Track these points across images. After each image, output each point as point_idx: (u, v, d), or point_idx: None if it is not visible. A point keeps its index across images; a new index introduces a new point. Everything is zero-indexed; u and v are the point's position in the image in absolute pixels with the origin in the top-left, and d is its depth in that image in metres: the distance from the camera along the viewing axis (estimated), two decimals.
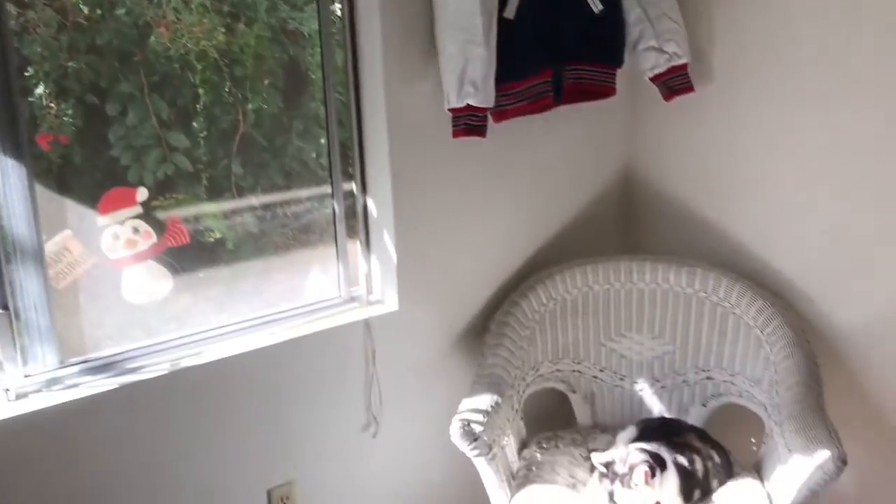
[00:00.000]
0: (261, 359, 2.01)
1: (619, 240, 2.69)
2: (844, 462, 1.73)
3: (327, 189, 2.18)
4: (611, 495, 1.85)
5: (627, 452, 1.89)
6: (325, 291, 2.23)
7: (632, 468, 1.84)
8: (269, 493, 2.06)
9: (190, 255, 2.05)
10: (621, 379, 2.39)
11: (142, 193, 1.95)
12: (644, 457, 1.87)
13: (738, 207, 2.42)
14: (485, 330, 2.32)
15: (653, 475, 1.84)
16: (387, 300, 2.24)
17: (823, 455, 1.76)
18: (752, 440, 2.44)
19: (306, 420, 2.10)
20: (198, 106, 2.05)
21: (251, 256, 2.18)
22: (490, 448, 1.91)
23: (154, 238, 1.99)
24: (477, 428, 1.89)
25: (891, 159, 2.07)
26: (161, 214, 2.00)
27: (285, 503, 2.09)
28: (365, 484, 2.24)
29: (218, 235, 2.15)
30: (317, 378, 2.10)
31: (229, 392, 1.98)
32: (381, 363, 2.19)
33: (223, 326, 2.06)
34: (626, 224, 2.70)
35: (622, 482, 1.84)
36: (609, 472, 1.86)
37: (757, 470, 2.08)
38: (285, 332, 2.08)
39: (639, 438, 2.07)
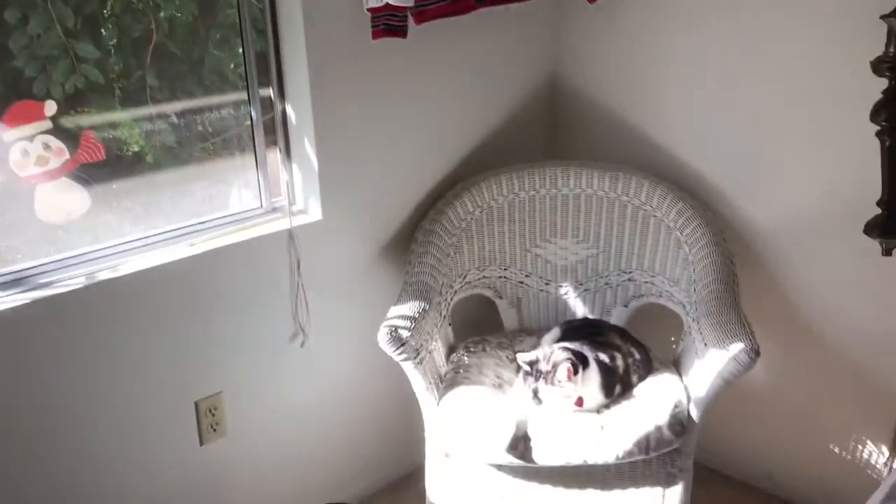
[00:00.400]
0: (181, 271, 1.96)
1: (544, 146, 2.69)
2: (757, 353, 1.80)
3: (245, 97, 2.11)
4: (535, 392, 1.89)
5: (551, 351, 1.93)
6: (247, 202, 2.18)
7: (555, 366, 1.88)
8: (196, 405, 2.05)
9: (106, 171, 1.97)
10: (546, 284, 2.43)
11: (50, 107, 1.85)
12: (567, 355, 1.91)
13: (660, 111, 2.44)
14: (411, 239, 2.31)
15: (575, 372, 1.89)
16: (310, 210, 2.20)
17: (737, 347, 1.83)
18: (672, 338, 2.53)
19: (232, 331, 2.08)
20: (105, 13, 1.94)
21: (169, 168, 2.10)
22: (417, 352, 1.93)
23: (67, 155, 1.90)
24: (404, 333, 1.90)
25: (808, 60, 2.11)
26: (74, 129, 1.90)
27: (213, 414, 2.08)
28: (293, 393, 2.25)
29: (135, 149, 2.06)
30: (241, 289, 2.07)
31: (150, 305, 1.93)
32: (306, 273, 2.17)
33: (141, 239, 2.00)
34: (552, 130, 2.69)
35: (546, 380, 1.88)
36: (533, 370, 1.90)
37: (675, 365, 2.16)
38: (206, 243, 2.03)
39: (562, 339, 2.11)
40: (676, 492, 1.95)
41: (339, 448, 2.39)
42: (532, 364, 1.91)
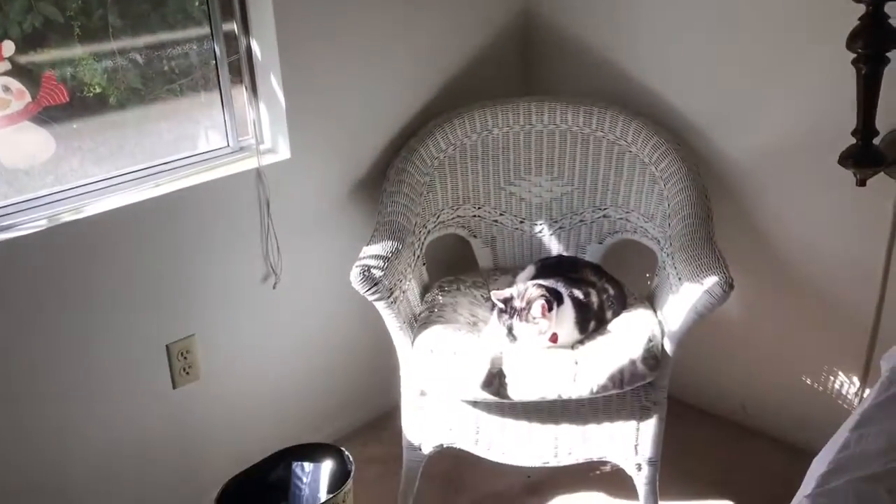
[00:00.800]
0: (148, 212, 1.92)
1: (518, 82, 2.64)
2: (731, 286, 1.80)
3: (209, 32, 2.04)
4: (510, 329, 1.88)
5: (525, 288, 1.92)
6: (214, 142, 2.13)
7: (529, 303, 1.87)
8: (168, 348, 2.02)
9: (69, 113, 1.91)
10: (521, 222, 2.41)
11: (8, 47, 1.78)
12: (541, 292, 1.90)
13: (634, 45, 2.40)
14: (383, 177, 2.27)
15: (550, 308, 1.88)
16: (278, 149, 2.16)
17: (711, 280, 1.82)
18: (647, 274, 2.53)
19: (203, 273, 2.04)
20: None
21: (133, 108, 2.04)
22: (391, 292, 1.91)
23: (29, 97, 1.83)
24: (376, 273, 1.88)
25: None
26: (34, 71, 1.83)
27: (185, 357, 2.06)
28: (267, 335, 2.23)
29: (97, 90, 1.99)
30: (210, 231, 2.03)
31: (117, 247, 1.89)
32: (276, 213, 2.13)
33: (105, 180, 1.94)
34: (525, 65, 2.64)
35: (520, 316, 1.87)
36: (508, 307, 1.89)
37: (650, 301, 2.16)
38: (172, 184, 1.98)
39: (537, 276, 2.10)
40: (650, 425, 1.96)
41: (313, 389, 2.38)
42: (506, 301, 1.89)
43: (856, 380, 2.23)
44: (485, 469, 2.19)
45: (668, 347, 1.91)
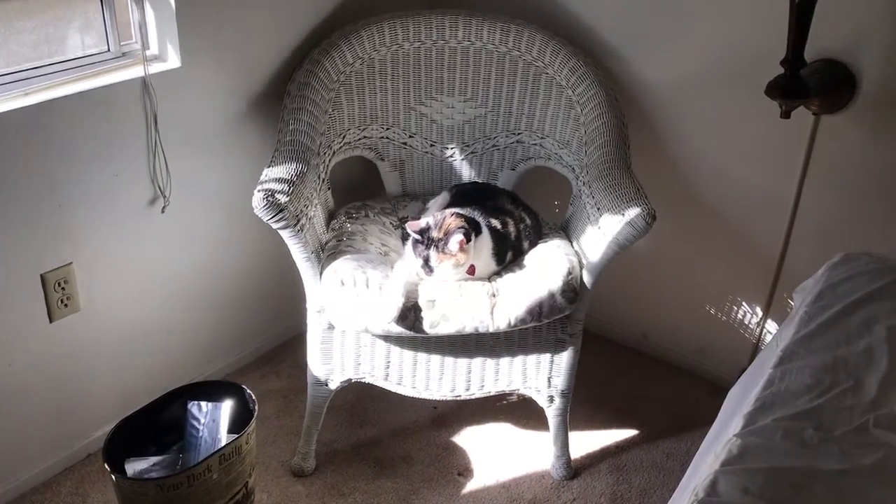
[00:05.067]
0: (15, 124, 1.66)
1: None
2: (654, 217, 1.75)
3: None
4: (426, 261, 1.78)
5: (442, 217, 1.81)
6: (90, 45, 1.87)
7: (447, 234, 1.77)
8: (42, 278, 1.80)
9: None
10: (431, 145, 2.28)
11: None
12: (460, 222, 1.79)
13: None
14: (284, 92, 2.08)
15: (468, 240, 1.78)
16: (167, 56, 1.92)
17: (633, 211, 1.77)
18: (556, 202, 2.47)
19: (81, 195, 1.82)
20: None
21: None
22: (297, 219, 1.76)
23: None
24: (281, 198, 1.72)
25: None
26: None
27: (63, 287, 1.85)
28: (155, 263, 2.03)
29: None
30: (90, 147, 1.80)
31: None
32: (165, 129, 1.92)
33: None
34: None
35: (437, 248, 1.77)
36: (424, 238, 1.77)
37: (565, 231, 2.10)
38: (43, 92, 1.73)
39: (451, 204, 1.99)
40: (564, 357, 1.93)
41: (206, 320, 2.22)
42: (422, 232, 1.78)
43: (759, 310, 2.26)
44: (390, 401, 2.12)
45: (587, 280, 1.86)
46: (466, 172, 2.30)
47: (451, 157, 2.28)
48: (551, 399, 1.97)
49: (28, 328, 1.82)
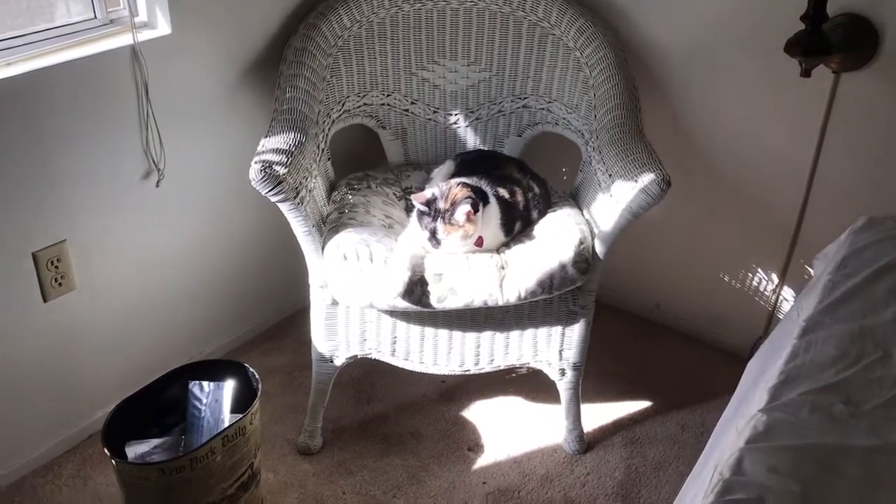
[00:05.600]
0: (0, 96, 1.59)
1: None
2: (668, 184, 1.68)
3: None
4: (433, 233, 1.71)
5: (448, 188, 1.74)
6: (76, 12, 1.79)
7: (454, 204, 1.70)
8: (34, 257, 1.74)
9: None
10: (434, 112, 2.20)
11: None
12: (466, 192, 1.72)
13: None
14: (280, 59, 2.00)
15: (476, 211, 1.71)
16: (157, 23, 1.84)
17: (647, 178, 1.69)
18: (564, 169, 2.40)
19: (72, 170, 1.75)
20: None
21: None
22: (297, 192, 1.68)
23: None
24: (279, 170, 1.64)
25: None
26: None
27: (56, 266, 1.78)
28: (151, 238, 1.97)
29: None
30: (79, 120, 1.73)
31: None
32: (156, 99, 1.84)
33: None
34: None
35: (444, 219, 1.70)
36: (431, 209, 1.70)
37: (574, 198, 2.03)
38: (28, 62, 1.65)
39: (457, 173, 1.92)
40: (576, 329, 1.87)
41: (205, 296, 2.16)
42: (429, 203, 1.71)
43: (774, 278, 2.20)
44: (397, 376, 2.07)
45: (599, 250, 1.79)
46: (471, 139, 2.22)
47: (455, 123, 2.21)
48: (563, 372, 1.92)
49: (22, 308, 1.76)
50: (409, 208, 1.99)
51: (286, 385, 2.17)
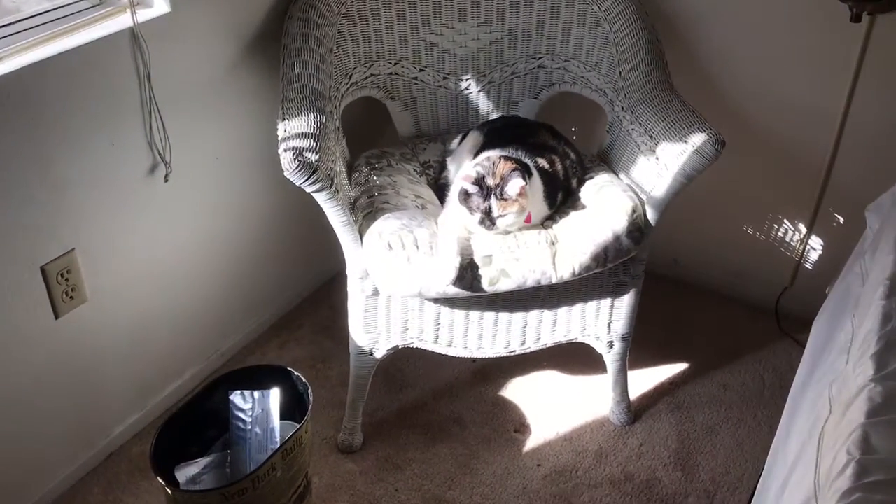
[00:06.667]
0: None
1: None
2: (723, 143, 1.61)
3: None
4: (487, 213, 1.59)
5: (492, 163, 1.62)
6: None
7: (503, 179, 1.59)
8: (43, 271, 1.57)
9: None
10: (444, 78, 2.07)
11: None
12: (512, 165, 1.61)
13: None
14: (283, 32, 1.84)
15: (525, 183, 1.60)
16: (154, 1, 1.66)
17: (698, 138, 1.62)
18: (574, 129, 2.31)
19: (75, 172, 1.57)
20: None
21: None
22: (331, 180, 1.55)
23: None
24: (311, 157, 1.50)
25: None
26: None
27: (67, 278, 1.62)
28: (162, 237, 1.81)
29: None
30: (77, 117, 1.55)
31: None
32: (158, 85, 1.67)
33: None
34: None
35: (497, 196, 1.59)
36: (483, 188, 1.59)
37: (605, 161, 1.94)
38: (20, 56, 1.46)
39: (486, 145, 1.80)
40: (625, 301, 1.80)
41: (217, 292, 2.02)
42: (479, 182, 1.59)
43: (801, 227, 2.16)
44: (425, 358, 1.97)
45: (651, 217, 1.71)
46: (484, 105, 2.10)
47: (467, 89, 2.08)
48: (611, 345, 1.85)
49: (32, 329, 1.59)
50: (433, 185, 1.88)
51: (312, 379, 2.03)
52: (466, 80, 2.07)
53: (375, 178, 1.82)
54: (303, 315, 2.25)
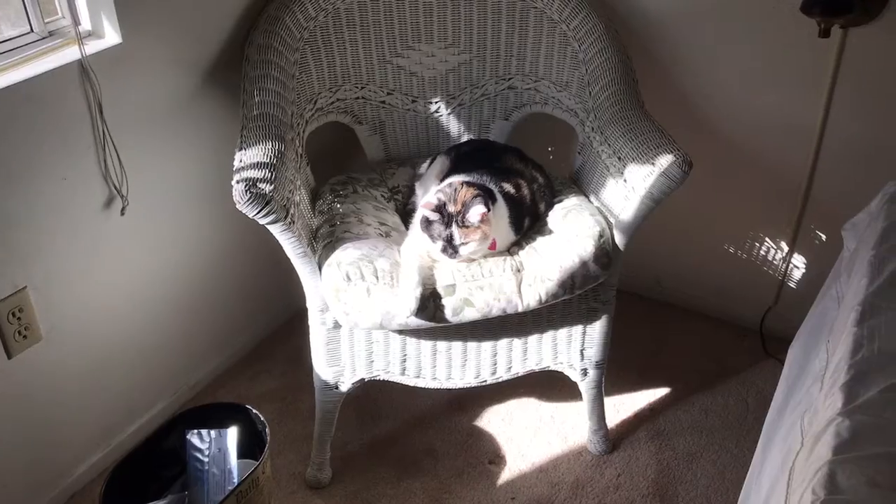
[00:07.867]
0: None
1: None
2: (690, 165, 1.56)
3: None
4: (448, 240, 1.54)
5: (453, 190, 1.58)
6: (5, 29, 1.56)
7: (465, 206, 1.54)
8: None
9: None
10: (413, 101, 2.03)
11: None
12: (475, 191, 1.57)
13: None
14: (243, 59, 1.80)
15: (488, 209, 1.56)
16: (104, 31, 1.62)
17: (665, 160, 1.57)
18: (550, 149, 2.26)
19: (25, 209, 1.53)
20: None
21: None
22: (286, 210, 1.51)
23: None
24: (265, 188, 1.46)
25: None
26: None
27: (19, 317, 1.57)
28: (120, 272, 1.77)
29: None
30: (26, 153, 1.51)
31: None
32: (112, 118, 1.63)
33: None
34: None
35: (458, 223, 1.54)
36: (444, 215, 1.54)
37: (575, 183, 1.89)
38: None
39: (453, 170, 1.76)
40: (598, 326, 1.75)
41: (182, 325, 1.97)
42: (439, 209, 1.54)
43: (783, 245, 2.11)
44: (399, 389, 1.90)
45: (620, 241, 1.67)
46: (455, 127, 2.06)
47: (437, 112, 2.04)
48: (585, 372, 1.80)
49: None
50: (401, 211, 1.84)
51: (283, 412, 2.00)
52: (436, 102, 2.03)
53: (339, 205, 1.78)
54: (275, 346, 2.20)
